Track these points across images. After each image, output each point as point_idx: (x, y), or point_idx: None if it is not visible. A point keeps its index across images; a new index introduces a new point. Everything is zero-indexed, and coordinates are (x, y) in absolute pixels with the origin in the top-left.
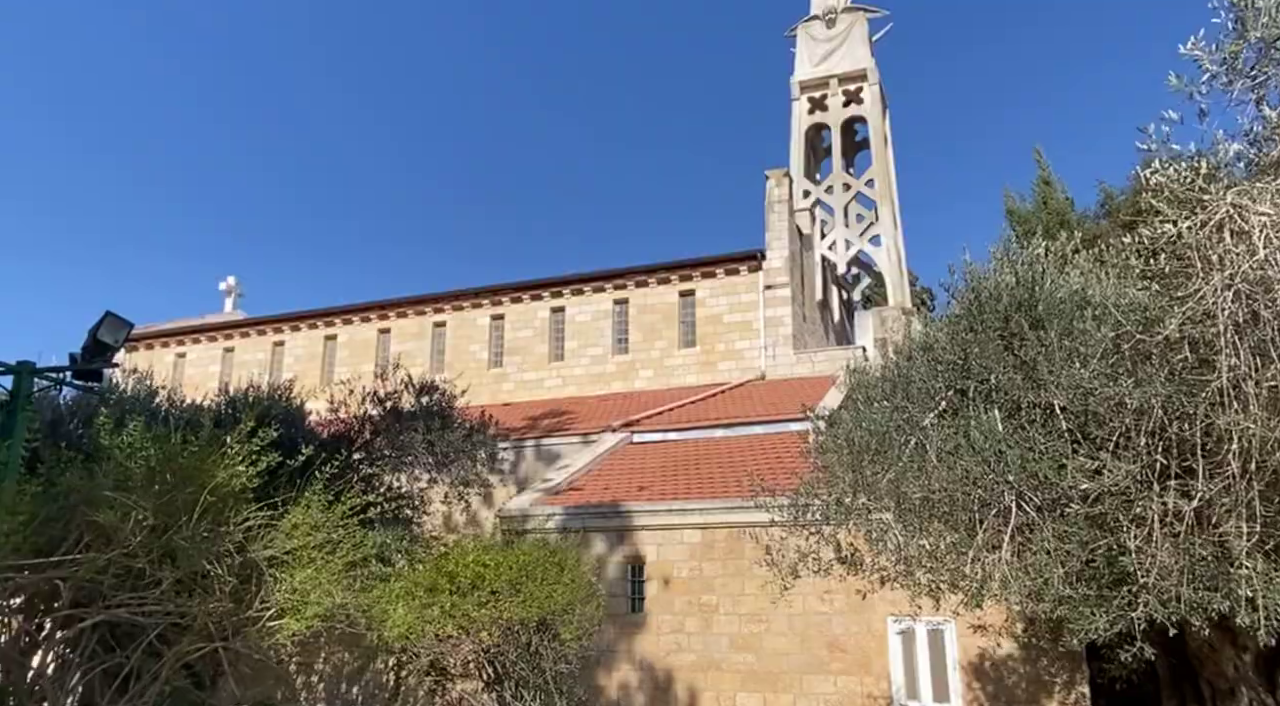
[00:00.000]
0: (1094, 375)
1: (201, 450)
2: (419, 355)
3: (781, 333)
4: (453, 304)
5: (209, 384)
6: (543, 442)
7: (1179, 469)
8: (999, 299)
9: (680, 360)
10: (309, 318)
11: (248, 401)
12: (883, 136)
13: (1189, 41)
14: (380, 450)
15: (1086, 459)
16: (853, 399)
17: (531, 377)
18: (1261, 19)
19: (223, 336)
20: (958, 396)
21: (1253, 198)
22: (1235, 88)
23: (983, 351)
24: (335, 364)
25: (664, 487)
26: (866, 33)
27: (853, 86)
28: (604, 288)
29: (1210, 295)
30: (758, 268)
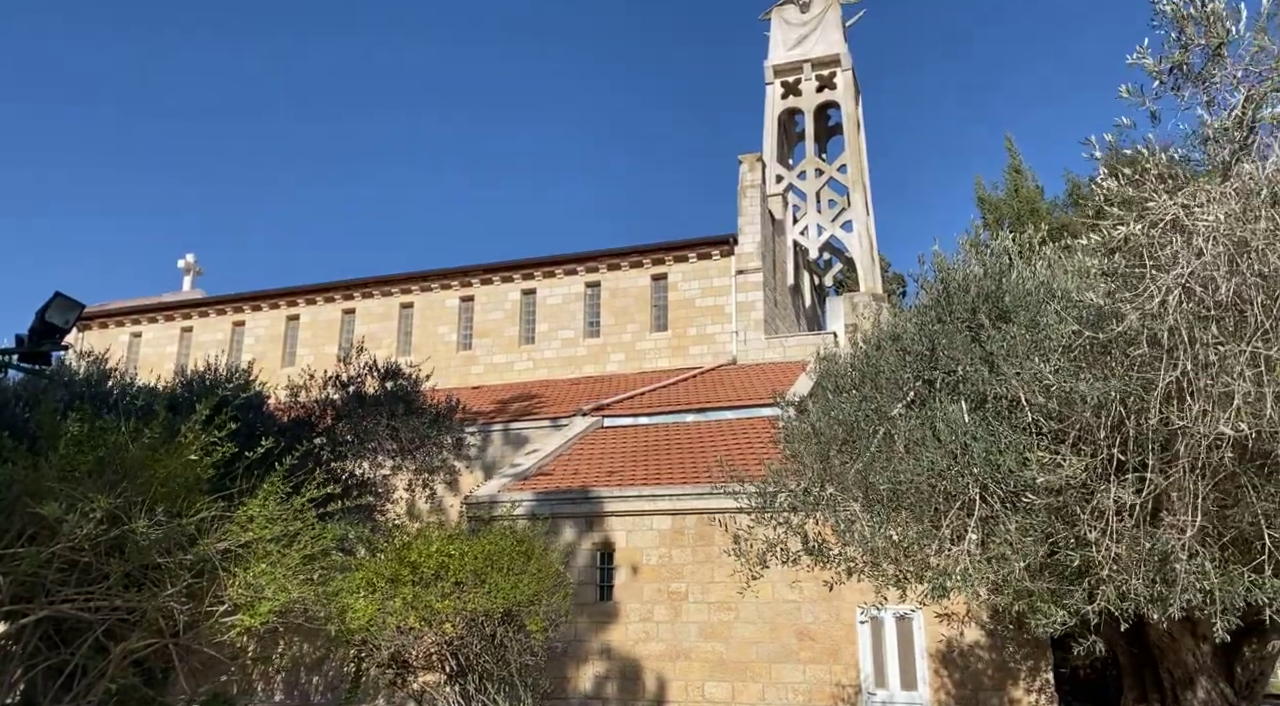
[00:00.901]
0: (1055, 370)
1: (154, 439)
2: (385, 337)
3: (753, 317)
4: (420, 285)
5: (165, 365)
6: (511, 427)
7: (1135, 463)
8: (967, 290)
9: (652, 344)
10: (271, 297)
11: (205, 385)
12: (855, 122)
13: (1135, 50)
14: (342, 436)
15: (1047, 452)
16: (822, 387)
17: (501, 361)
18: (1201, 26)
19: (180, 316)
20: (925, 387)
21: (1199, 201)
22: (1185, 93)
23: (950, 343)
24: (298, 345)
25: (634, 473)
26: (840, 18)
27: (826, 72)
28: (576, 270)
29: (1160, 293)
30: (730, 252)
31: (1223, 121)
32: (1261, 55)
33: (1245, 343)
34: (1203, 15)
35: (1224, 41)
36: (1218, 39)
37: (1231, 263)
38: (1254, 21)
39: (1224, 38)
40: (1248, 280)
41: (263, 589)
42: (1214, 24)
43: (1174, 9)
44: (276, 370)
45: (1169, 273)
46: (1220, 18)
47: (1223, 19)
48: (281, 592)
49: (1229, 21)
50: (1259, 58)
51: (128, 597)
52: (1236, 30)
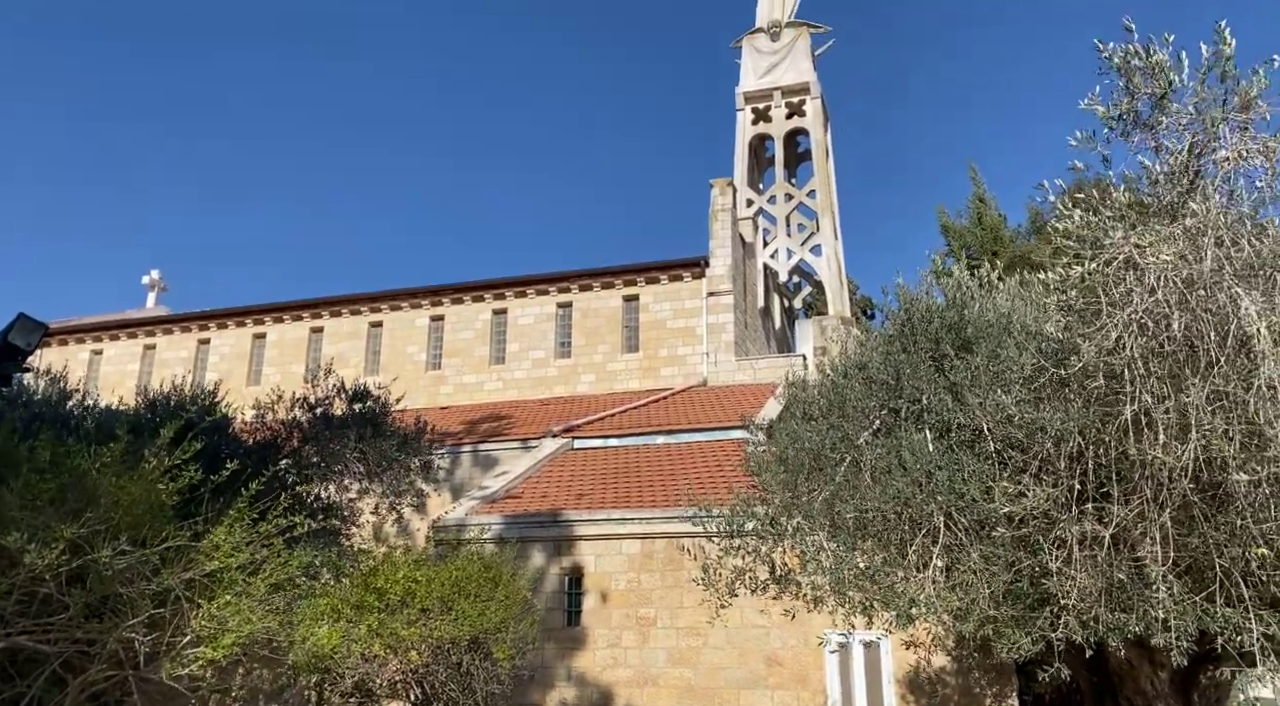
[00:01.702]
0: (1016, 401)
1: (118, 465)
2: (353, 356)
3: (724, 339)
4: (390, 304)
5: (127, 383)
6: (480, 448)
7: (1097, 493)
8: (930, 321)
9: (623, 365)
10: (237, 315)
11: (169, 406)
12: (824, 149)
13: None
14: (309, 458)
15: (1010, 482)
16: (791, 413)
17: (471, 381)
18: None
19: (144, 333)
20: (891, 416)
21: (1149, 240)
22: (1134, 138)
23: (915, 372)
24: (264, 364)
25: (604, 495)
26: (809, 47)
27: (795, 99)
28: (548, 290)
29: (1115, 330)
30: (701, 274)
31: (1170, 165)
32: (1203, 104)
33: (1198, 378)
34: (1148, 65)
35: (1166, 92)
36: (1162, 89)
37: (1182, 300)
38: (1196, 72)
39: (1167, 88)
40: (1198, 317)
41: (226, 620)
42: (1158, 74)
43: (1120, 60)
44: (242, 389)
45: (1123, 309)
46: (1164, 68)
47: (1166, 70)
48: (246, 624)
49: (1172, 72)
50: (1201, 107)
51: (88, 629)
52: (1180, 79)
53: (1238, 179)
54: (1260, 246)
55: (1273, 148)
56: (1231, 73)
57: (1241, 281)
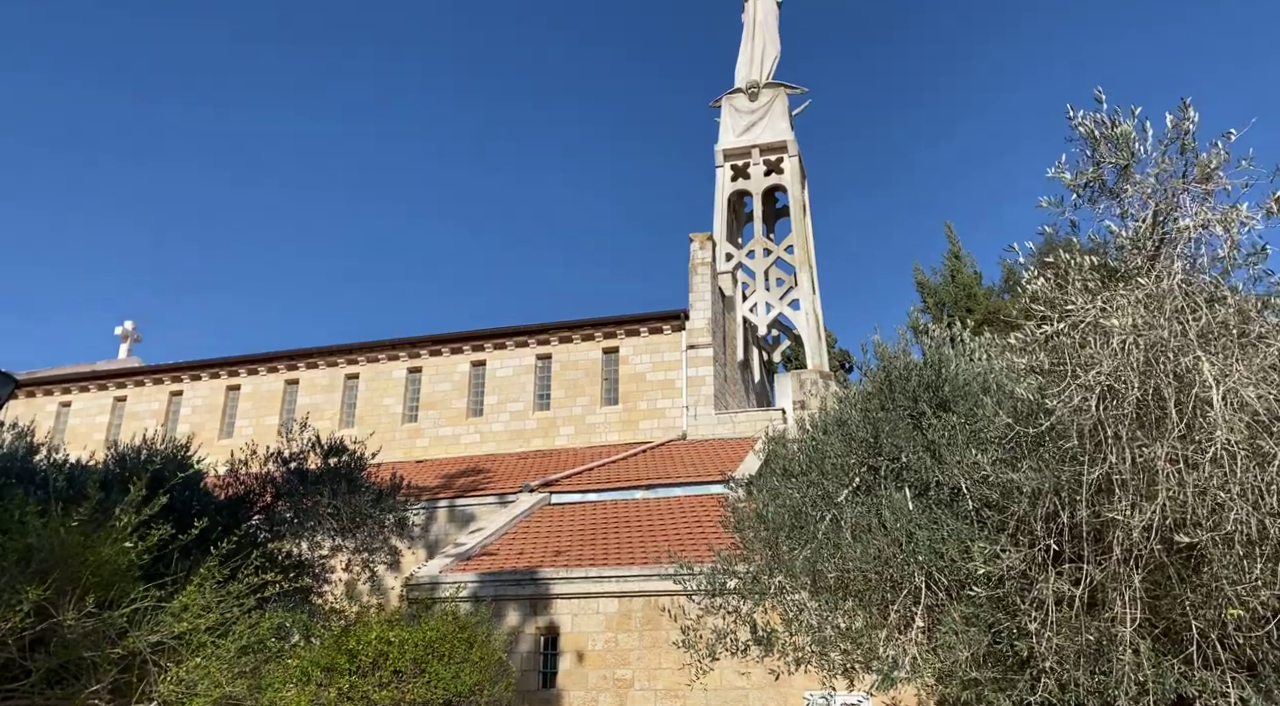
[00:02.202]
0: (992, 460)
1: (86, 523)
2: (328, 408)
3: (704, 392)
4: (368, 355)
5: (95, 436)
6: (457, 503)
7: (1071, 554)
8: (908, 379)
9: (602, 418)
10: (211, 366)
11: (139, 461)
12: (802, 205)
13: (1055, 165)
14: (281, 514)
15: (988, 542)
16: (771, 470)
17: (448, 433)
18: (1113, 147)
19: (114, 385)
20: (870, 474)
21: (1114, 305)
22: (1100, 205)
23: (893, 430)
24: (237, 416)
25: (581, 553)
26: (787, 107)
27: (773, 157)
28: (527, 342)
29: (1080, 393)
30: (681, 327)
31: (1134, 232)
32: (1166, 175)
33: (1164, 440)
34: (1114, 136)
35: (1130, 162)
36: (1125, 159)
37: (1147, 364)
38: (1159, 143)
39: (1130, 158)
40: (1163, 381)
41: (195, 684)
42: (1123, 145)
43: (1087, 129)
44: (214, 442)
45: (1091, 371)
46: (1129, 139)
47: (1131, 141)
48: (215, 688)
49: (1136, 143)
50: (1164, 177)
51: (50, 695)
52: (1144, 150)
53: (1199, 246)
54: (1219, 313)
55: (1232, 218)
56: (1192, 145)
57: (1201, 347)
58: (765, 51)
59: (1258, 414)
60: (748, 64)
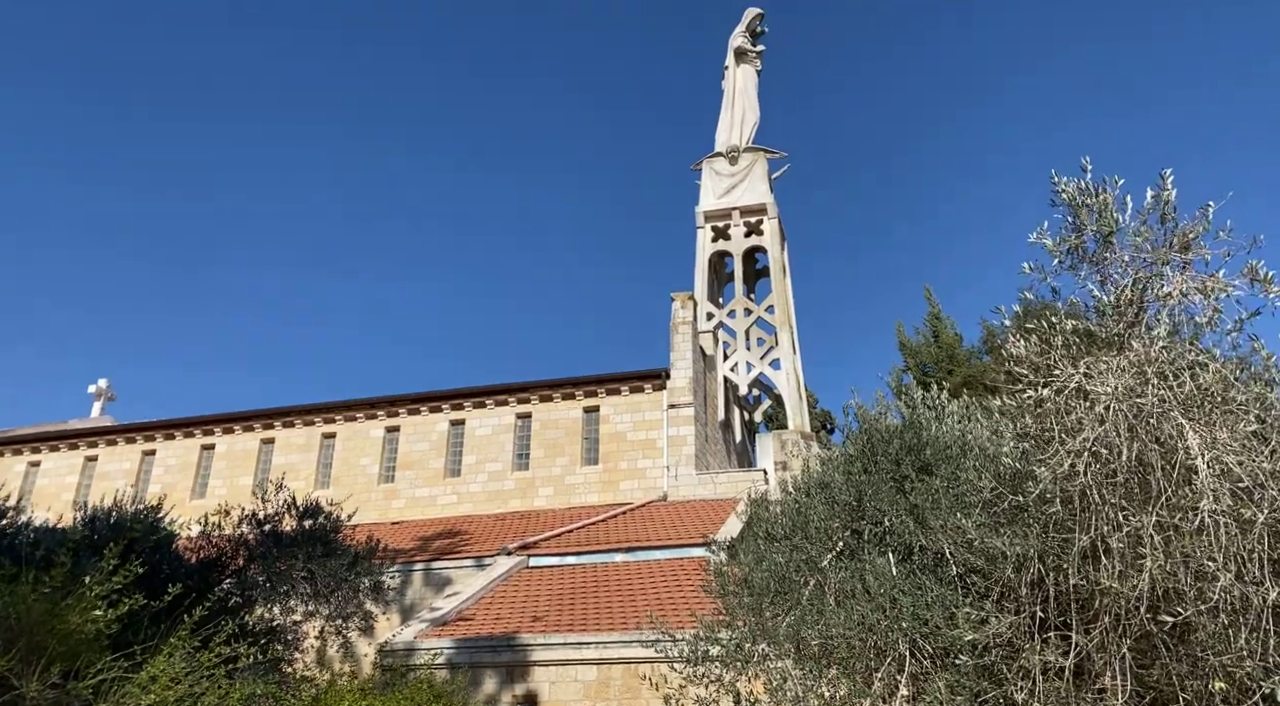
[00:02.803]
0: (976, 525)
1: (55, 590)
2: (304, 468)
3: (685, 452)
4: (345, 414)
5: (64, 496)
6: (433, 566)
7: (1058, 622)
8: (890, 442)
9: (582, 478)
10: (184, 425)
11: (109, 523)
12: (781, 266)
13: (1036, 231)
14: (254, 578)
15: (973, 609)
16: (754, 533)
17: (425, 494)
18: (1094, 215)
19: (85, 444)
20: (854, 537)
21: (1099, 371)
22: (1082, 271)
23: (876, 493)
24: (210, 476)
25: (559, 618)
26: (766, 171)
27: (753, 219)
28: (507, 401)
29: (1069, 457)
30: (662, 386)
31: (1115, 298)
32: (1146, 243)
33: (1151, 507)
34: (1096, 204)
35: (1112, 231)
36: (1107, 228)
37: (1131, 429)
38: (1139, 213)
39: (1113, 227)
40: (1147, 446)
41: None
42: (1104, 213)
43: (1070, 195)
44: (186, 502)
45: (1076, 437)
46: (1110, 208)
47: (1111, 209)
48: None
49: (1117, 213)
50: (1144, 246)
51: None
52: (1124, 219)
53: (1180, 314)
54: (1202, 380)
55: (1211, 286)
56: (1173, 215)
57: (1184, 413)
58: (745, 117)
59: (1240, 480)
60: (728, 129)
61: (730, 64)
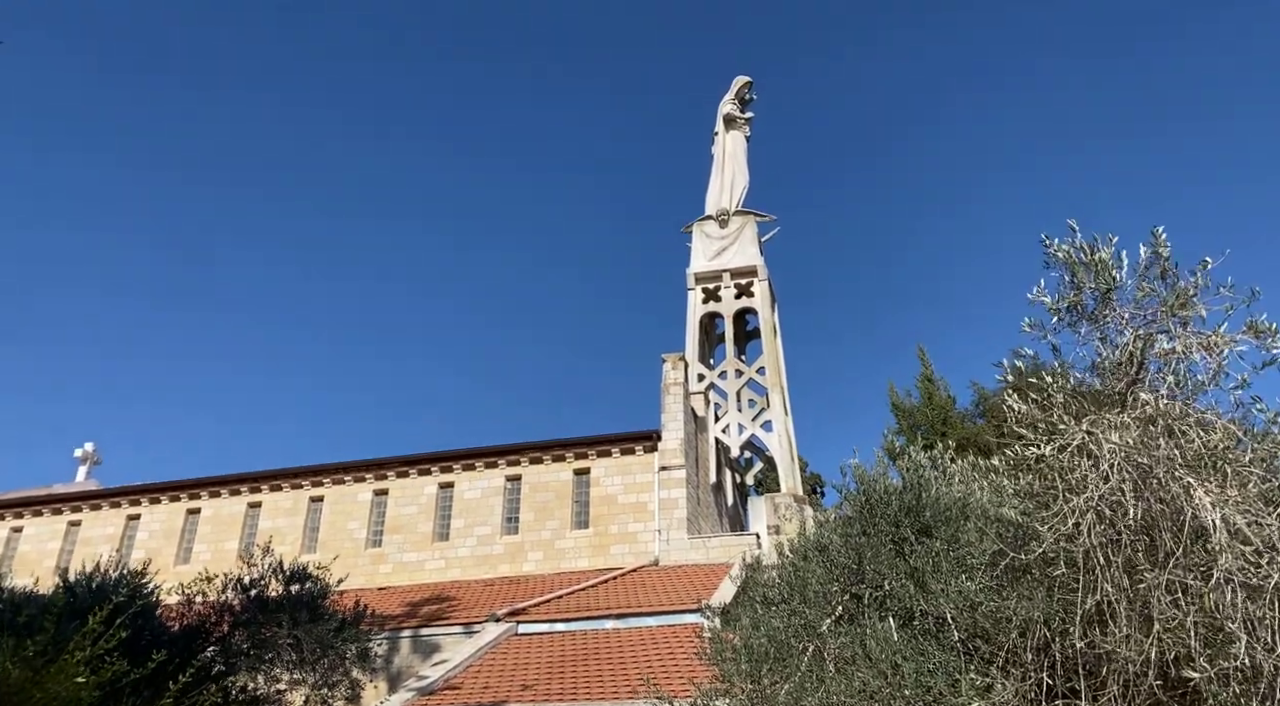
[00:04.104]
0: (979, 588)
1: (38, 658)
2: (290, 532)
3: (676, 515)
4: (333, 477)
5: (47, 563)
6: (421, 633)
7: (1065, 689)
8: (888, 503)
9: (572, 542)
10: (169, 489)
11: (92, 591)
12: (772, 327)
13: (1034, 289)
14: (238, 645)
15: (978, 674)
16: (749, 597)
17: (413, 559)
18: (1091, 273)
19: (69, 508)
20: (853, 602)
21: (1103, 427)
22: (1081, 329)
23: (875, 556)
24: (195, 541)
25: (550, 686)
26: (756, 233)
27: (744, 280)
28: (497, 463)
29: (1073, 516)
30: (653, 448)
31: (1116, 356)
32: (1145, 300)
33: (1160, 569)
34: (1092, 262)
35: (1111, 288)
36: (1106, 285)
37: (1137, 488)
38: (1135, 270)
39: (1111, 284)
40: (1153, 506)
41: None
42: (1101, 271)
43: (1065, 255)
44: (171, 568)
45: (1080, 495)
46: (1107, 266)
47: (1109, 267)
48: None
49: (1114, 269)
50: (1143, 302)
51: None
52: (1120, 276)
53: (1181, 371)
54: (1208, 438)
55: (1213, 343)
56: (1172, 270)
57: (1192, 471)
58: (735, 181)
59: (1248, 541)
60: (718, 192)
61: (720, 130)
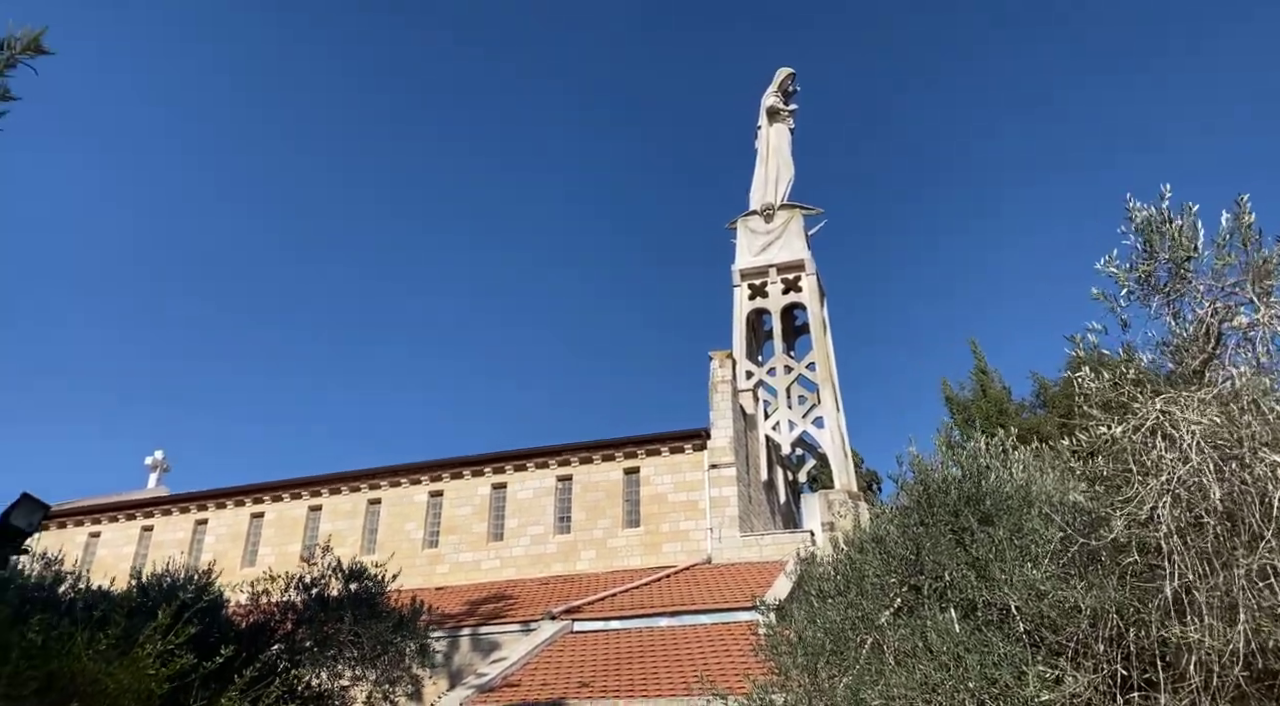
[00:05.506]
0: (1046, 576)
1: (109, 650)
2: (350, 534)
3: (728, 513)
4: (390, 480)
5: (122, 566)
6: (479, 631)
7: (1141, 680)
8: (947, 493)
9: (624, 541)
10: (235, 494)
11: (163, 590)
12: (821, 322)
13: (1104, 259)
14: (301, 642)
15: (1046, 666)
16: (805, 591)
17: (468, 559)
18: (1167, 242)
19: (142, 514)
20: (912, 593)
21: (1180, 406)
22: (1152, 303)
23: (935, 546)
24: (260, 544)
25: (606, 683)
26: (803, 227)
27: (791, 275)
28: (547, 464)
29: (1149, 499)
30: (702, 446)
31: (1191, 331)
32: (1224, 270)
33: (1248, 553)
34: (1170, 231)
35: (1189, 256)
36: (1185, 253)
37: (1218, 469)
38: (1213, 241)
39: (1191, 252)
40: (1236, 488)
41: None
42: (1179, 240)
43: (1143, 220)
44: (236, 570)
45: (1156, 478)
46: (1185, 234)
47: (1188, 236)
48: None
49: (1192, 237)
50: (1222, 273)
51: None
52: (1197, 248)
53: (1261, 346)
54: None
55: None
56: (1255, 238)
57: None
58: (780, 174)
59: None
60: (762, 187)
61: (763, 123)
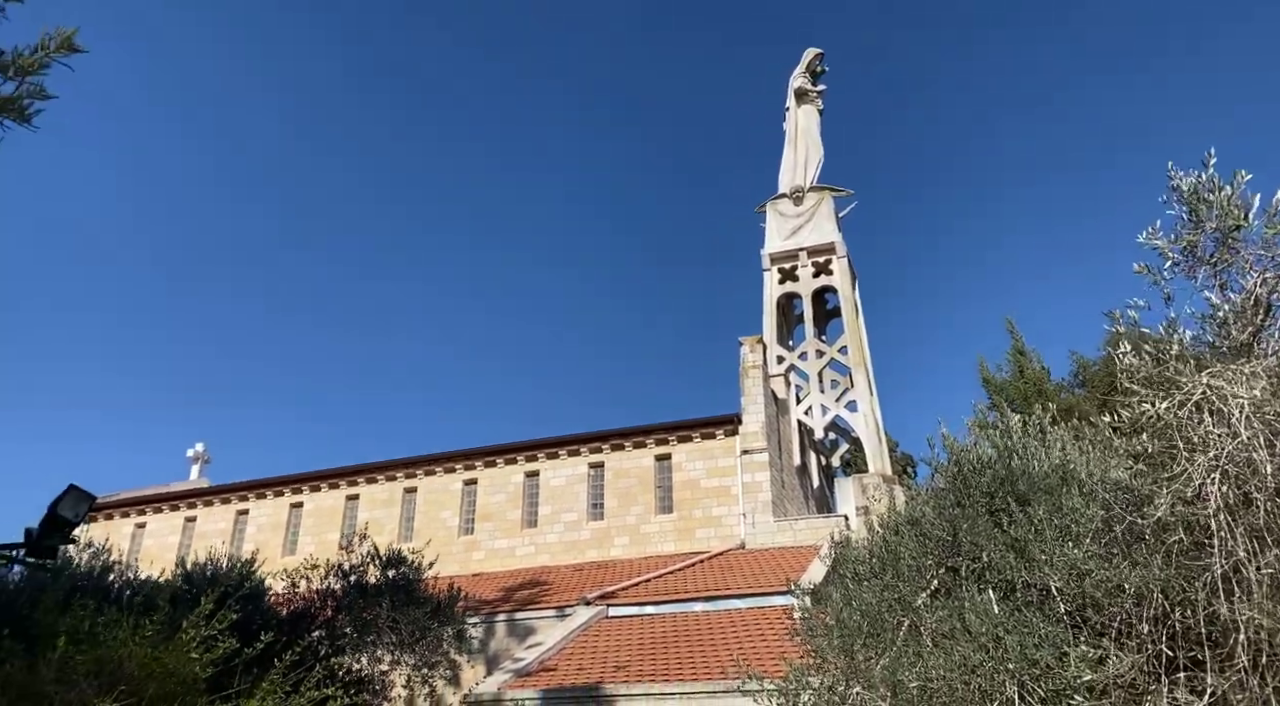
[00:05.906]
0: (1088, 555)
1: (155, 635)
2: (387, 523)
3: (760, 499)
4: (425, 469)
5: (167, 555)
6: (515, 617)
7: (1187, 660)
8: (982, 473)
9: (657, 527)
10: (274, 485)
11: (206, 577)
12: (853, 305)
13: (1146, 231)
14: (341, 629)
15: (1088, 647)
16: (840, 574)
17: (503, 545)
18: (1214, 211)
19: (185, 505)
20: (949, 575)
21: (1227, 379)
22: (1198, 275)
23: (972, 527)
24: (300, 533)
25: (642, 667)
26: (833, 209)
27: (821, 258)
28: (579, 451)
29: (1197, 476)
30: (734, 432)
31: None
32: (1275, 240)
33: None
34: (1217, 199)
35: (1238, 225)
36: (1233, 222)
37: (1270, 444)
38: (1264, 211)
39: (1240, 221)
40: None
41: None
42: (1227, 208)
43: (1189, 188)
44: (277, 559)
45: (1204, 454)
46: (1231, 203)
47: (1236, 204)
48: None
49: (1240, 207)
50: (1271, 243)
51: None
52: (1247, 217)
53: None
54: None
55: None
56: None
57: None
58: (809, 156)
59: None
60: (791, 169)
61: (791, 105)
